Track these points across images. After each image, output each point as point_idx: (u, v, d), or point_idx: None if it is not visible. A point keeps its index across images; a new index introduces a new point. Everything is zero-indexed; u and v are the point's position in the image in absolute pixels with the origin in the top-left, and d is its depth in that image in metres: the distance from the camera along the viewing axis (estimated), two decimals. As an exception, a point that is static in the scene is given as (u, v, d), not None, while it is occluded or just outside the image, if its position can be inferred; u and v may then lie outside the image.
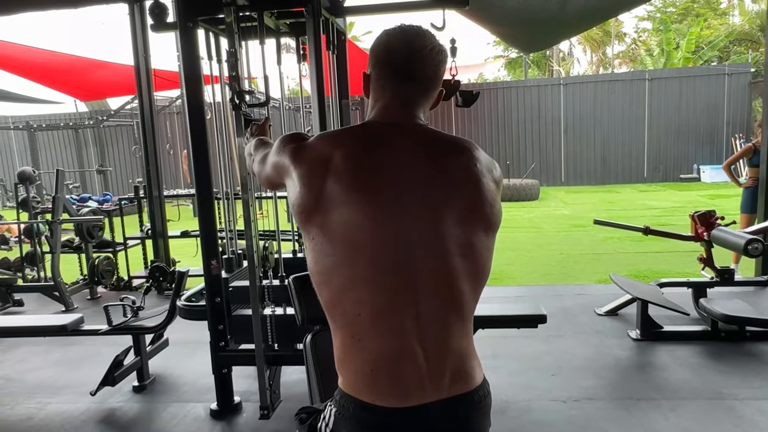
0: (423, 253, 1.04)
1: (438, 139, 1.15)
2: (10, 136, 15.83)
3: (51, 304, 5.17)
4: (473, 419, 1.10)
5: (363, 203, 1.05)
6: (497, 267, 6.37)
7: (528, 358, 3.53)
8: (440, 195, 1.08)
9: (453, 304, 1.07)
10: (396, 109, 1.17)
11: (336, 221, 1.04)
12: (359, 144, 1.11)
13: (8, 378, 3.62)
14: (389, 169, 1.08)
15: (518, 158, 15.27)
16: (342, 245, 1.04)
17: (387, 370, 1.04)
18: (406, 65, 1.15)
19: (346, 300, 1.05)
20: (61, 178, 5.19)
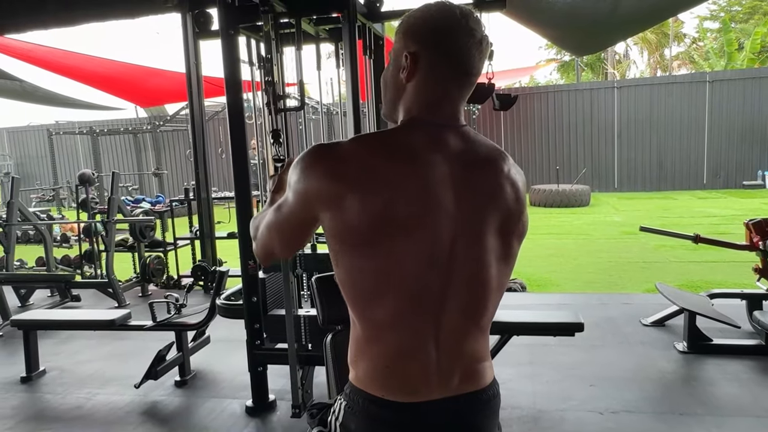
0: (461, 263, 1.03)
1: (478, 145, 1.10)
2: (76, 140, 16.72)
3: (105, 300, 5.41)
4: (480, 418, 1.10)
5: (412, 216, 0.99)
6: (540, 274, 6.24)
7: (566, 367, 3.45)
8: (483, 203, 1.05)
9: (476, 316, 1.07)
10: (445, 106, 1.06)
11: (387, 238, 0.99)
12: (404, 152, 1.02)
13: (62, 369, 3.82)
14: (435, 179, 1.02)
15: (569, 163, 14.91)
16: (383, 258, 1.00)
17: (399, 368, 1.04)
18: (467, 56, 1.04)
19: (373, 303, 1.03)
20: (116, 180, 5.44)
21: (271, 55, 2.53)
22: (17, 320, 3.67)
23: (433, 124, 1.06)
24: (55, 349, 4.19)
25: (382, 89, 1.15)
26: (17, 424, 3.07)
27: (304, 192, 1.01)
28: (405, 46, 1.06)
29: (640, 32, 17.06)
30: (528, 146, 15.20)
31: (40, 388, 3.53)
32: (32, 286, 5.34)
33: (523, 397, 3.09)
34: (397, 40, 1.09)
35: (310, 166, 1.00)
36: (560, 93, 15.40)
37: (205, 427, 2.94)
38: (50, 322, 3.74)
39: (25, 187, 16.03)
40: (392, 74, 1.10)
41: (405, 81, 1.06)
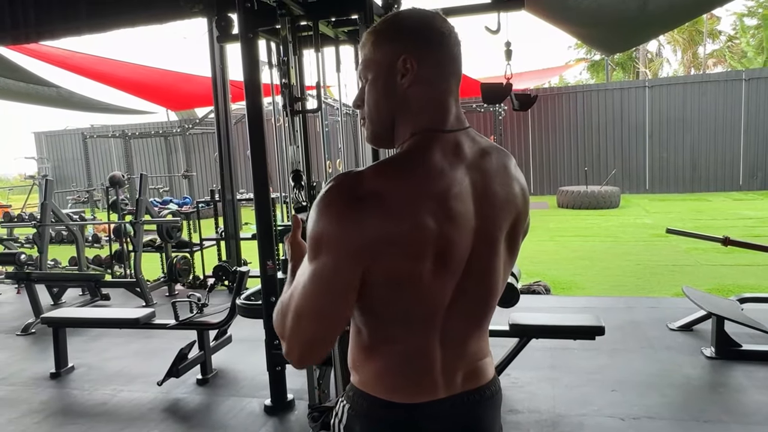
0: (472, 274, 1.01)
1: (484, 146, 1.06)
2: (110, 143, 17.17)
3: (134, 299, 5.55)
4: (484, 413, 1.10)
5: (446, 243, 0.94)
6: (566, 276, 6.15)
7: (588, 372, 3.39)
8: (500, 207, 1.03)
9: (480, 319, 1.08)
10: (453, 107, 1.02)
11: (422, 269, 0.93)
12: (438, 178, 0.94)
13: (90, 365, 3.93)
14: (463, 197, 0.97)
15: (598, 164, 14.65)
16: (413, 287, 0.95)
17: (403, 370, 1.04)
18: (456, 54, 1.02)
19: (387, 323, 1.02)
20: (144, 182, 5.57)
21: (288, 57, 2.55)
22: (47, 318, 3.79)
23: (446, 132, 1.00)
24: (84, 346, 4.31)
25: (367, 110, 1.05)
26: (45, 418, 3.16)
27: (344, 241, 0.88)
28: (403, 50, 0.98)
29: (671, 30, 16.67)
30: (556, 147, 15.00)
31: (68, 384, 3.63)
32: (64, 284, 5.50)
33: (543, 401, 3.05)
34: (380, 49, 1.01)
35: (339, 214, 0.88)
36: (589, 93, 15.15)
37: (225, 425, 2.98)
38: (78, 320, 3.85)
39: (61, 189, 16.56)
40: (383, 85, 1.01)
41: (407, 86, 0.99)
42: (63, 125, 18.78)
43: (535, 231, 9.38)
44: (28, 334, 4.71)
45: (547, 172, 15.07)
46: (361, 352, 1.08)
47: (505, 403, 3.03)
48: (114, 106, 12.11)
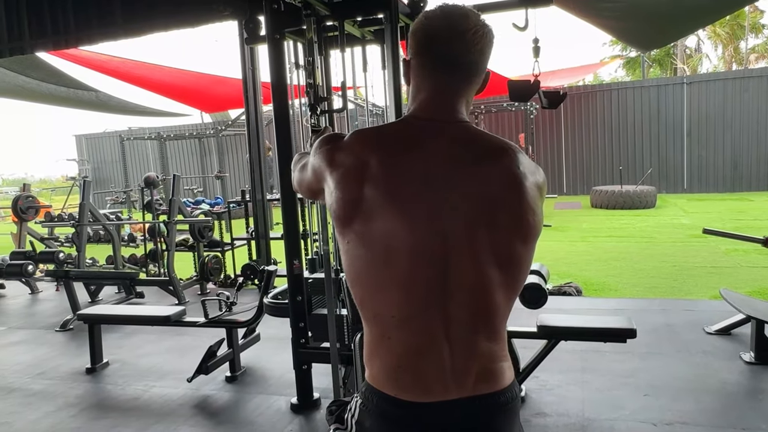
0: (457, 260, 1.02)
1: (478, 140, 1.10)
2: (147, 145, 17.61)
3: (167, 297, 5.67)
4: (498, 421, 1.07)
5: (398, 208, 1.03)
6: (598, 278, 6.02)
7: (620, 375, 3.30)
8: (478, 201, 1.03)
9: (484, 311, 1.05)
10: (437, 101, 1.10)
11: (372, 226, 1.03)
12: (396, 146, 1.07)
13: (124, 361, 4.03)
14: (426, 174, 1.04)
15: (633, 163, 14.30)
16: (376, 249, 1.03)
17: (412, 366, 1.04)
18: (449, 51, 1.08)
19: (377, 300, 1.06)
20: (177, 182, 5.69)
21: (313, 58, 2.57)
22: (83, 314, 3.90)
23: (427, 120, 1.10)
24: (118, 342, 4.42)
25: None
26: (80, 412, 3.26)
27: (312, 166, 1.19)
28: (408, 50, 1.17)
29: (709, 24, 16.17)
30: (590, 146, 14.71)
31: (102, 379, 3.73)
32: (100, 282, 5.66)
33: (572, 404, 2.99)
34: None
35: (319, 148, 1.15)
36: (624, 90, 14.81)
37: (252, 422, 3.02)
38: (111, 317, 3.95)
39: (100, 190, 17.06)
40: (404, 76, 1.19)
41: (406, 84, 1.16)
42: (102, 128, 19.34)
43: (567, 231, 9.22)
44: (66, 330, 4.86)
45: (581, 171, 14.79)
46: (368, 346, 1.11)
47: (533, 406, 2.99)
48: (150, 108, 12.41)
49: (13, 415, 3.25)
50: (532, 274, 3.01)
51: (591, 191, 12.64)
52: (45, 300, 6.09)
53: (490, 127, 14.07)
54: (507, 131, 14.72)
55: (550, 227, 9.66)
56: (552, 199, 12.53)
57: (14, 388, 3.67)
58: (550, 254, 7.38)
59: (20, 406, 3.37)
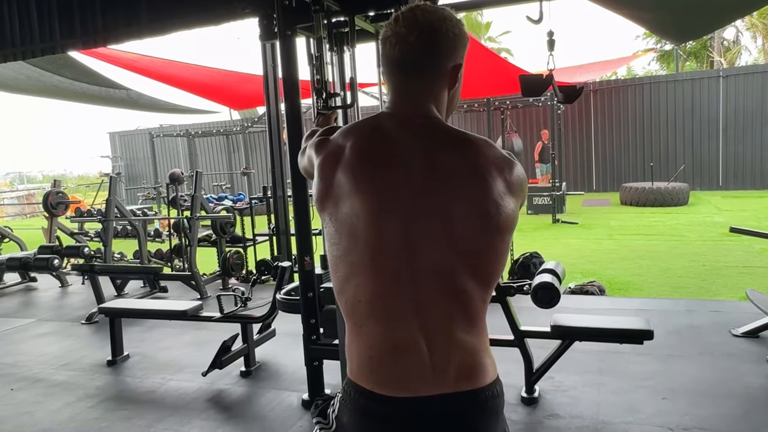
0: (422, 247, 1.04)
1: (443, 135, 1.12)
2: (177, 142, 17.94)
3: (190, 291, 5.75)
4: (478, 419, 1.05)
5: (364, 194, 1.06)
6: (623, 277, 5.88)
7: (638, 378, 3.21)
8: (439, 192, 1.05)
9: (455, 300, 1.05)
10: (400, 101, 1.15)
11: (341, 211, 1.08)
12: (367, 136, 1.13)
13: (144, 354, 4.10)
14: (391, 163, 1.09)
15: (666, 159, 13.92)
16: (346, 234, 1.07)
17: (386, 359, 1.04)
18: (398, 56, 1.12)
19: (348, 287, 1.08)
20: (199, 179, 5.77)
21: (321, 53, 2.56)
22: (104, 308, 3.99)
23: (394, 116, 1.14)
24: (140, 336, 4.51)
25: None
26: (98, 403, 3.33)
27: (307, 153, 1.28)
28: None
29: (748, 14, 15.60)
30: (620, 142, 14.38)
31: (122, 372, 3.81)
32: (125, 276, 5.78)
33: (586, 406, 2.92)
34: None
35: (314, 137, 1.25)
36: (657, 84, 14.43)
37: (263, 417, 3.04)
38: (131, 311, 4.03)
39: (133, 185, 17.46)
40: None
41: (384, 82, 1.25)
42: (135, 125, 19.79)
43: (593, 229, 9.04)
44: (91, 323, 4.98)
45: (611, 167, 14.48)
46: (347, 339, 1.11)
47: (546, 407, 2.93)
48: (180, 106, 12.63)
49: (35, 405, 3.35)
50: (545, 272, 2.95)
51: (621, 188, 12.36)
52: (74, 293, 6.26)
53: (517, 123, 13.87)
54: (533, 127, 14.50)
55: (576, 224, 9.50)
56: (580, 196, 12.30)
57: (39, 378, 3.78)
58: (575, 252, 7.25)
59: (43, 396, 3.47)
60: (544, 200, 10.57)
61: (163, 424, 3.01)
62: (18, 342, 4.65)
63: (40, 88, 9.67)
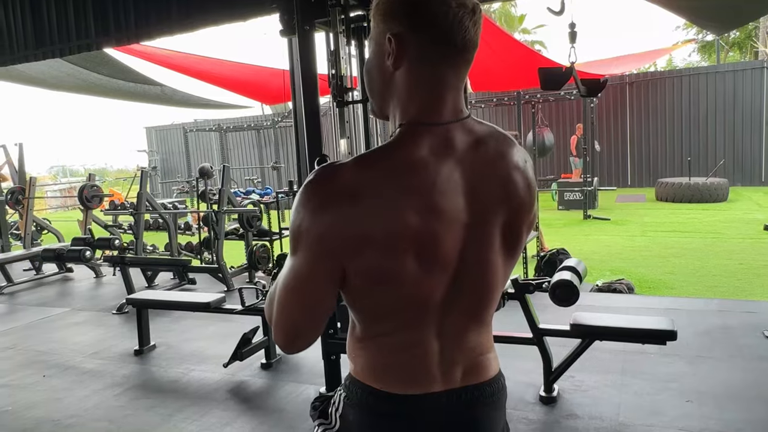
0: (467, 270, 0.97)
1: (486, 139, 0.99)
2: (210, 137, 18.26)
3: (217, 284, 5.86)
4: (483, 411, 1.05)
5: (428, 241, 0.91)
6: (654, 275, 5.73)
7: (662, 379, 3.12)
8: (494, 205, 0.98)
9: (478, 313, 1.04)
10: (447, 97, 0.94)
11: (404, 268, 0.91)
12: (421, 173, 0.90)
13: (169, 345, 4.20)
14: (450, 192, 0.92)
15: (704, 154, 13.47)
16: (396, 286, 0.93)
17: (399, 361, 1.02)
18: (459, 28, 0.90)
19: (377, 319, 1.00)
20: (227, 173, 5.86)
21: (337, 48, 2.55)
22: (131, 298, 4.09)
23: (437, 125, 0.93)
24: (167, 326, 4.62)
25: (366, 83, 1.03)
26: (124, 391, 3.43)
27: (319, 246, 0.88)
28: (387, 29, 0.93)
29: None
30: (657, 135, 13.98)
31: (148, 361, 3.91)
32: (155, 269, 5.92)
33: (606, 407, 2.85)
34: (376, 24, 0.96)
35: (317, 211, 0.87)
36: (697, 76, 13.95)
37: (280, 409, 3.07)
38: (156, 302, 4.12)
39: (168, 179, 17.85)
40: (377, 63, 0.97)
41: (393, 68, 0.94)
42: (170, 120, 20.19)
43: (626, 225, 8.83)
44: (122, 313, 5.12)
45: (646, 162, 14.10)
46: (356, 342, 1.07)
47: (565, 407, 2.88)
48: (213, 101, 12.83)
49: (65, 392, 3.46)
50: (565, 270, 2.89)
51: (656, 183, 12.03)
52: (107, 284, 6.44)
53: (550, 118, 13.62)
54: (566, 121, 14.21)
55: (608, 221, 9.29)
56: (613, 192, 12.02)
57: (70, 366, 3.91)
58: (605, 249, 7.10)
59: (72, 383, 3.59)
60: (575, 195, 10.37)
61: (184, 413, 3.07)
62: (53, 330, 4.82)
63: (78, 85, 9.97)
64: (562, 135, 13.72)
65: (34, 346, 4.37)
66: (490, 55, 9.01)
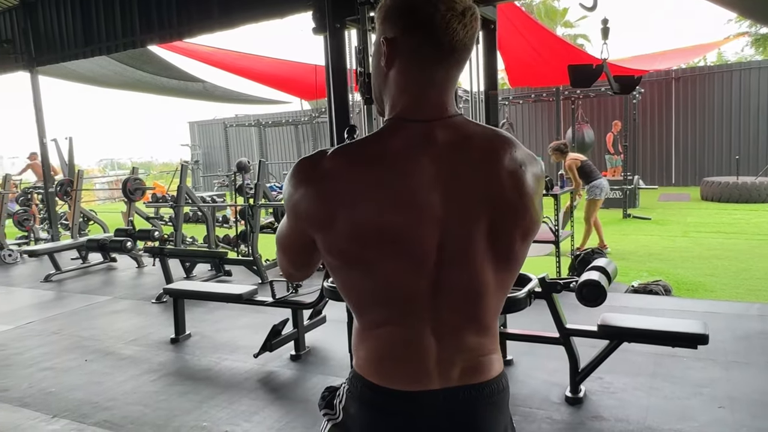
0: (449, 267, 0.99)
1: (472, 139, 1.02)
2: (251, 132, 18.60)
3: (252, 276, 5.99)
4: (482, 411, 1.05)
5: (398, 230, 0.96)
6: (694, 277, 5.56)
7: (694, 384, 3.05)
8: (478, 200, 0.99)
9: (474, 311, 1.04)
10: (432, 95, 1.00)
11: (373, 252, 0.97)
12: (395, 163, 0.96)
13: (204, 334, 4.33)
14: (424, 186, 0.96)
15: (754, 152, 12.93)
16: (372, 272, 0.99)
17: (396, 357, 1.04)
18: (447, 31, 0.95)
19: (368, 309, 1.04)
20: (263, 168, 5.98)
21: (365, 46, 2.58)
22: (168, 288, 4.24)
23: (418, 122, 0.99)
24: (203, 316, 4.76)
25: (372, 83, 1.11)
26: (159, 377, 3.56)
27: (294, 214, 1.01)
28: (383, 32, 1.01)
29: None
30: (704, 133, 13.50)
31: (183, 350, 4.05)
32: (193, 260, 6.10)
33: (634, 410, 2.81)
34: (377, 27, 1.04)
35: (296, 186, 0.98)
36: (748, 71, 13.39)
37: (305, 400, 3.14)
38: (191, 292, 4.25)
39: (210, 173, 18.27)
40: (375, 64, 1.06)
41: (386, 69, 1.01)
42: (212, 115, 20.66)
43: (668, 225, 8.58)
44: (160, 302, 5.30)
45: (692, 160, 13.63)
46: (357, 335, 1.11)
47: (591, 409, 2.84)
48: (252, 97, 13.09)
49: (104, 376, 3.62)
50: (594, 270, 2.85)
51: (702, 182, 11.63)
52: (148, 274, 6.67)
53: (590, 114, 13.32)
54: (608, 118, 13.87)
55: (649, 220, 9.05)
56: (655, 191, 11.67)
57: (110, 351, 4.08)
58: (644, 249, 6.92)
59: (111, 368, 3.75)
60: (615, 194, 10.13)
61: (215, 401, 3.17)
62: (96, 317, 5.03)
63: (125, 82, 10.33)
64: (604, 132, 13.40)
65: (78, 331, 4.58)
66: (529, 50, 8.88)
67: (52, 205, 8.09)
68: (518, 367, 3.38)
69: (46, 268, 6.75)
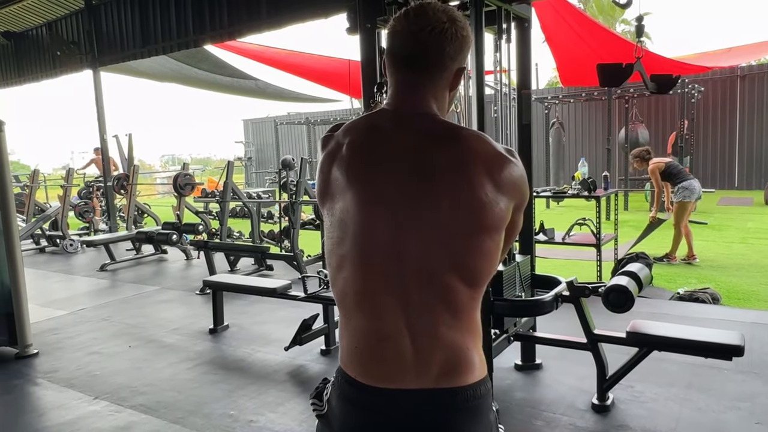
0: (409, 244, 1.04)
1: (435, 129, 1.12)
2: (301, 129, 18.93)
3: (293, 271, 6.12)
4: (455, 417, 1.05)
5: (354, 190, 1.09)
6: (747, 285, 5.28)
7: (732, 397, 2.91)
8: (428, 189, 1.05)
9: (442, 298, 1.05)
10: (400, 96, 1.16)
11: (336, 206, 1.12)
12: (363, 133, 1.15)
13: (241, 326, 4.47)
14: (383, 160, 1.10)
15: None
16: (337, 228, 1.11)
17: (370, 351, 1.07)
18: (405, 51, 1.12)
19: (338, 279, 1.11)
20: (304, 166, 6.09)
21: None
22: (207, 281, 4.40)
23: (394, 110, 1.15)
24: (242, 309, 4.91)
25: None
26: (195, 366, 3.70)
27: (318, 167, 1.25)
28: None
29: None
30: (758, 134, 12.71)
31: (220, 340, 4.19)
32: (237, 254, 6.29)
33: (663, 421, 2.71)
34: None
35: (321, 148, 1.24)
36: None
37: (331, 394, 3.19)
38: (229, 285, 4.39)
39: (261, 170, 18.72)
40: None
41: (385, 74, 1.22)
42: (265, 113, 21.14)
43: (724, 230, 8.17)
44: (203, 294, 5.49)
45: (756, 163, 12.89)
46: (339, 328, 1.16)
47: (617, 417, 2.76)
48: (303, 95, 13.31)
49: (145, 362, 3.80)
50: (623, 275, 2.76)
51: (766, 186, 10.99)
52: (195, 266, 6.93)
53: (647, 113, 12.81)
54: (666, 117, 13.31)
55: (705, 224, 8.64)
56: (714, 195, 11.12)
57: (152, 339, 4.28)
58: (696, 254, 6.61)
59: (152, 355, 3.93)
60: (669, 197, 9.71)
61: (244, 390, 3.28)
62: (143, 306, 5.28)
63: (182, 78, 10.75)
64: (661, 132, 12.87)
65: (125, 319, 4.82)
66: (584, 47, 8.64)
67: (110, 199, 8.53)
68: (546, 371, 3.32)
69: (103, 258, 7.13)
